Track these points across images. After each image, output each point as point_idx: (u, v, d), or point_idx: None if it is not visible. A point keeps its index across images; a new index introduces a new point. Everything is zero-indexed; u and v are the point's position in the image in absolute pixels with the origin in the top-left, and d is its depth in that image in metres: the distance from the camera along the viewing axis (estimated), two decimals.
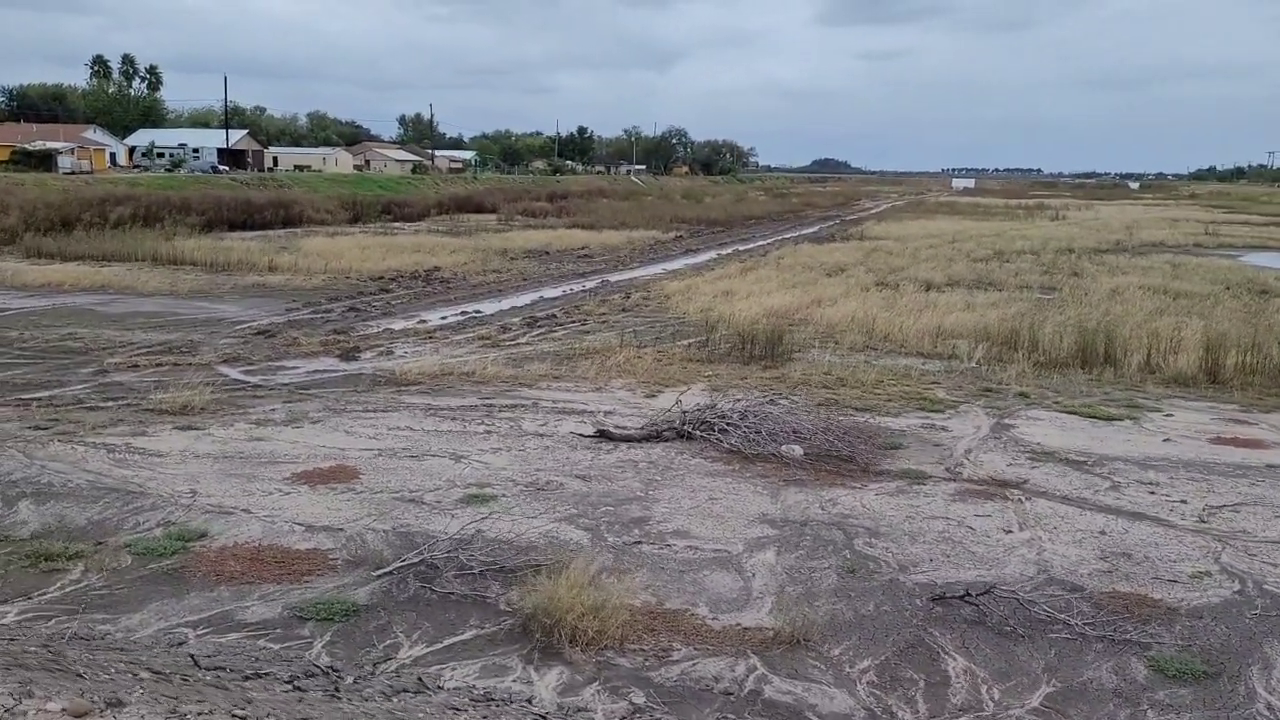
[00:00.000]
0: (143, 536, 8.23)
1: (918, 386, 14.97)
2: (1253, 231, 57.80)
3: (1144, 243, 47.86)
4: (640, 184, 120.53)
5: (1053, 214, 74.88)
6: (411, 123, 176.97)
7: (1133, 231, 54.95)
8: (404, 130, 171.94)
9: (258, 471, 10.19)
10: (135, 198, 42.62)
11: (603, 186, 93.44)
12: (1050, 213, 76.96)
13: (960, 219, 65.82)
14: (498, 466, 10.46)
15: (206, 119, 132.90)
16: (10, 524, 8.48)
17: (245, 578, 7.37)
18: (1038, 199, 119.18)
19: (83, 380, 14.55)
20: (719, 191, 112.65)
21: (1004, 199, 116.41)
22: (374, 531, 8.45)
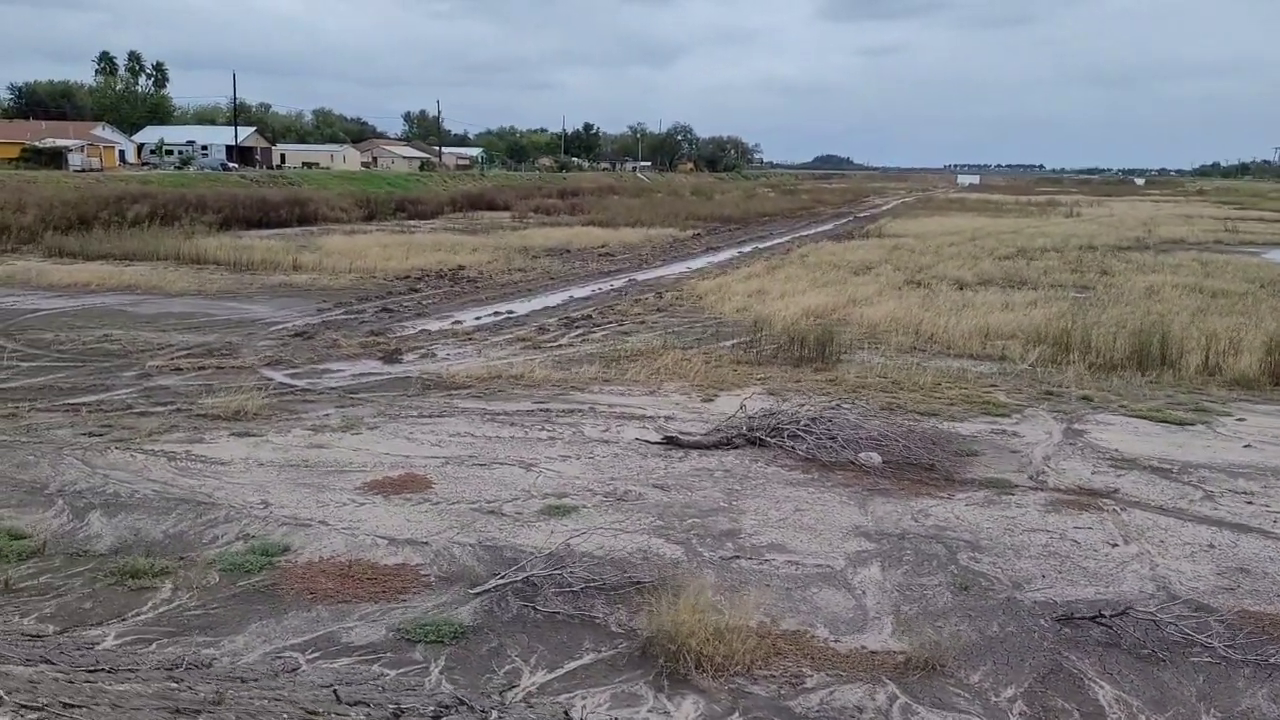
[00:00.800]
0: (225, 551, 7.96)
1: (976, 389, 14.68)
2: (1270, 229, 57.40)
3: (1164, 240, 47.53)
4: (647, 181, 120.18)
5: (1067, 211, 74.53)
6: (416, 119, 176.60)
7: (1151, 228, 54.59)
8: (409, 127, 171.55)
9: (327, 481, 9.92)
10: (151, 196, 42.34)
11: (612, 184, 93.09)
12: (1064, 209, 76.60)
13: (975, 216, 65.46)
14: (570, 475, 10.18)
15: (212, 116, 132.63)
16: (85, 538, 8.21)
17: (340, 596, 7.10)
18: (1047, 195, 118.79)
19: (127, 384, 14.28)
20: (727, 188, 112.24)
21: (1012, 195, 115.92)
22: (460, 545, 8.18)
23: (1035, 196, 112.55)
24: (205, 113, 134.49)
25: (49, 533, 8.29)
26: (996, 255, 37.05)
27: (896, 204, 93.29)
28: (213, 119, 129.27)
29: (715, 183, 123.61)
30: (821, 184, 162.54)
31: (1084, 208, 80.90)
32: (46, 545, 7.88)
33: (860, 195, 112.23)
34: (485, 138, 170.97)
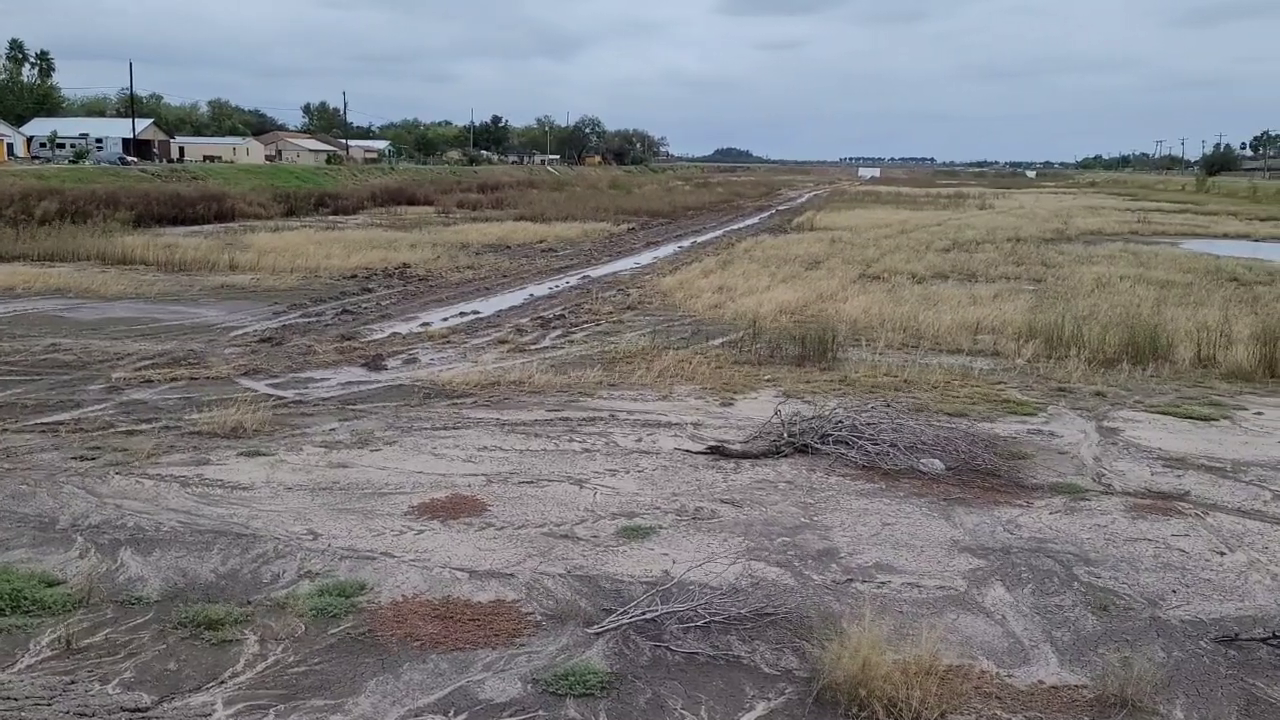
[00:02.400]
0: (294, 592, 7.17)
1: (986, 388, 14.47)
2: (1174, 220, 59.22)
3: (1083, 231, 48.67)
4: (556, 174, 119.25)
5: (979, 203, 76.06)
6: (317, 112, 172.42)
7: (1066, 220, 55.88)
8: (309, 119, 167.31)
9: (369, 505, 9.14)
10: (59, 192, 40.08)
11: (530, 178, 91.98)
12: (975, 202, 78.18)
13: (893, 209, 66.27)
14: (629, 492, 9.58)
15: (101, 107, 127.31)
16: (127, 581, 7.32)
17: (449, 642, 6.40)
18: (949, 187, 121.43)
19: (98, 399, 13.16)
20: (642, 182, 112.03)
21: (916, 188, 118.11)
22: (550, 577, 7.52)
23: (940, 189, 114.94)
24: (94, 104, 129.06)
25: (82, 577, 7.38)
26: (934, 248, 37.37)
27: (809, 197, 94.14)
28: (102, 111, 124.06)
29: (628, 176, 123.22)
30: (730, 177, 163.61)
31: (992, 200, 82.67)
32: (91, 593, 6.98)
33: (772, 188, 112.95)
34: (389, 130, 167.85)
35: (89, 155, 76.30)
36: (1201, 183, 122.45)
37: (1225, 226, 54.14)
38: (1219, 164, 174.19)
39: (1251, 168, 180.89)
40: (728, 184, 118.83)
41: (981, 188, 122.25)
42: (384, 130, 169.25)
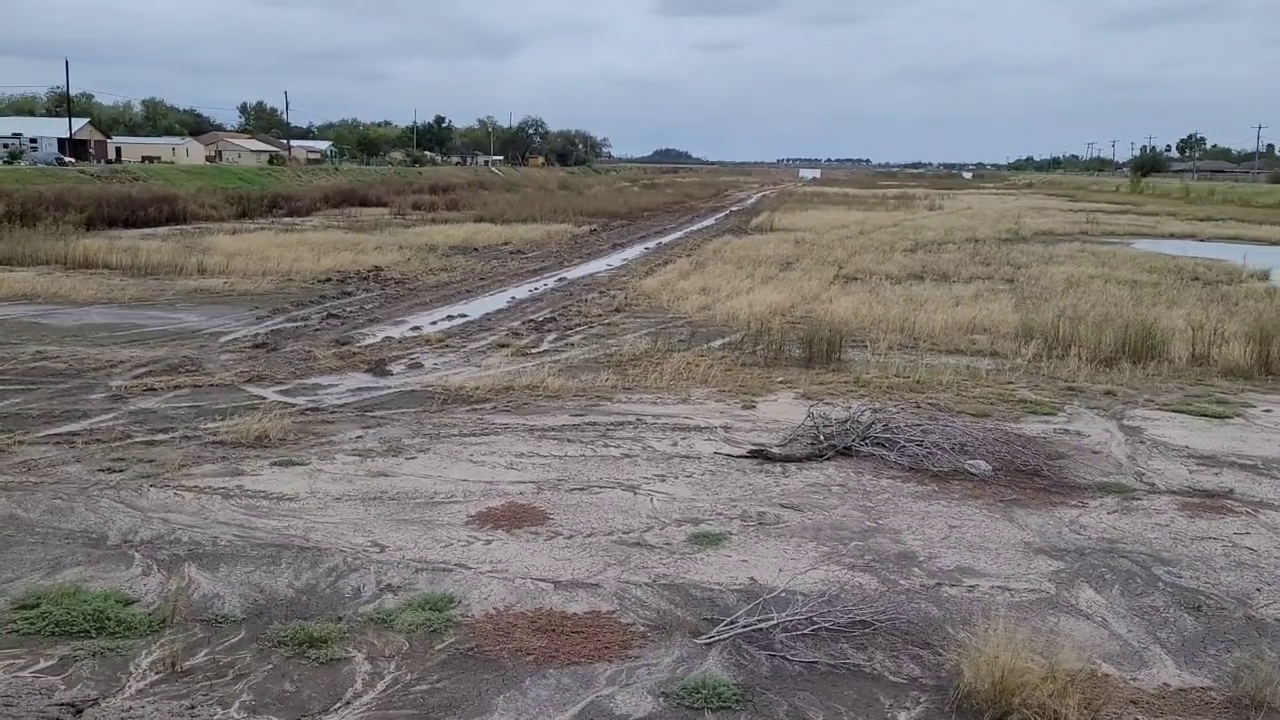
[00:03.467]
0: (382, 607, 6.96)
1: (997, 388, 14.60)
2: (1116, 220, 60.37)
3: (1036, 232, 49.40)
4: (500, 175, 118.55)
5: (928, 204, 77.00)
6: (254, 111, 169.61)
7: (1017, 221, 56.75)
8: (247, 119, 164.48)
9: (425, 515, 8.93)
10: (8, 194, 38.86)
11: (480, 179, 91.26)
12: (925, 203, 79.17)
13: (846, 210, 66.78)
14: (685, 497, 9.48)
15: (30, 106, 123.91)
16: (204, 598, 7.05)
17: (562, 655, 6.25)
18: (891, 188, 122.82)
19: (104, 409, 12.72)
20: (590, 183, 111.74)
21: (859, 189, 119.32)
22: (637, 586, 7.40)
23: (884, 190, 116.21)
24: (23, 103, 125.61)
25: (154, 594, 7.10)
26: (898, 249, 37.70)
27: (758, 198, 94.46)
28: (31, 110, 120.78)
29: (576, 177, 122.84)
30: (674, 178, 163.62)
31: (939, 201, 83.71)
32: (174, 612, 6.70)
33: (719, 190, 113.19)
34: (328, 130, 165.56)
35: (23, 156, 74.13)
36: (1135, 184, 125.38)
37: (1169, 227, 55.35)
38: (1149, 166, 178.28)
39: (1180, 169, 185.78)
40: (675, 185, 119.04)
41: (923, 189, 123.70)
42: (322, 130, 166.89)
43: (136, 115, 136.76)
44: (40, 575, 7.41)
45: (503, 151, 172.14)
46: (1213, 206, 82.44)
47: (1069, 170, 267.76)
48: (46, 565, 7.62)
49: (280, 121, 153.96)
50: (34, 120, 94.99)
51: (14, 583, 7.27)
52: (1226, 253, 40.18)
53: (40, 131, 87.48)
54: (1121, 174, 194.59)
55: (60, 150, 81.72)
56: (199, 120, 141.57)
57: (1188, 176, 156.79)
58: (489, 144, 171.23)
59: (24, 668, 5.92)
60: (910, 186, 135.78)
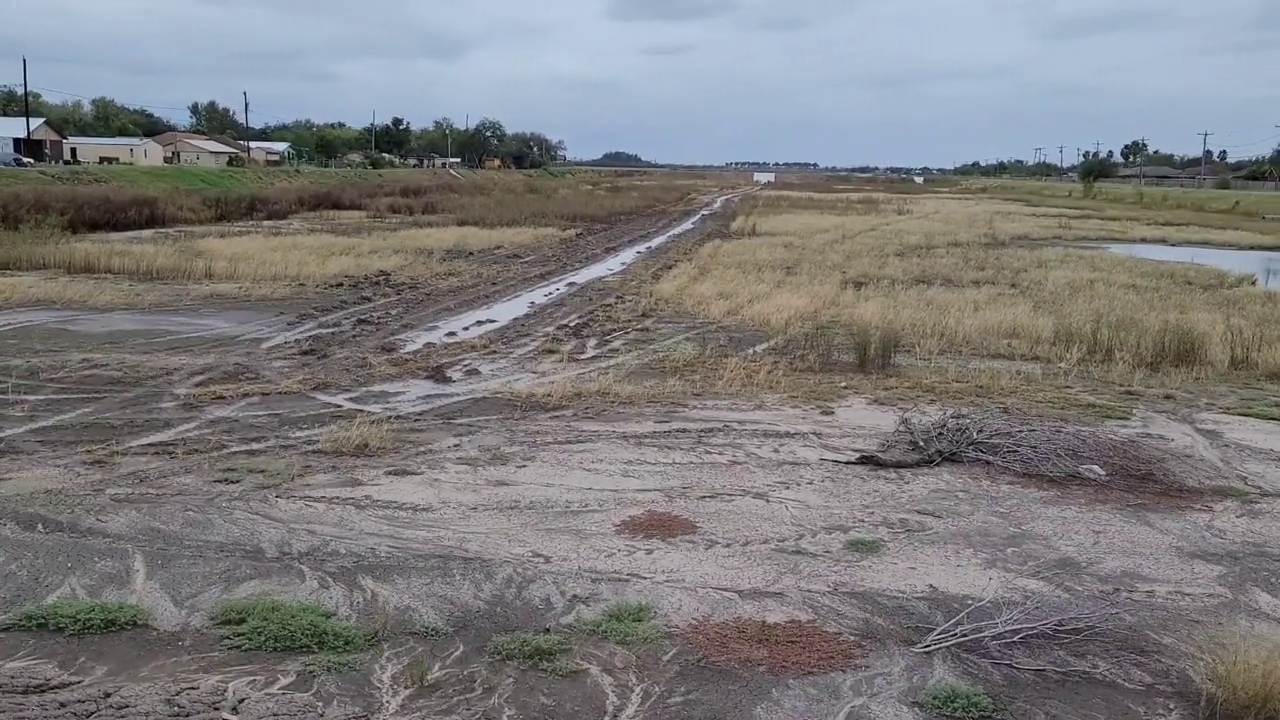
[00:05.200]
0: (580, 617, 6.97)
1: (1056, 392, 14.86)
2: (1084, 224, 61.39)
3: (1013, 236, 50.12)
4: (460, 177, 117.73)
5: (896, 209, 77.85)
6: (206, 111, 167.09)
7: (990, 225, 57.54)
8: (198, 119, 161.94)
9: (570, 524, 8.92)
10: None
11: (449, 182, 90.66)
12: (893, 207, 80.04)
13: (819, 214, 67.25)
14: (817, 505, 9.56)
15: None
16: (399, 611, 6.99)
17: (793, 665, 6.30)
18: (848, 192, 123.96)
19: (183, 418, 12.51)
20: (554, 186, 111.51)
21: (816, 193, 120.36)
22: (821, 594, 7.46)
23: (843, 194, 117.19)
24: None
25: (347, 607, 7.02)
26: (887, 253, 38.07)
27: (722, 201, 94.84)
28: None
29: (536, 180, 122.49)
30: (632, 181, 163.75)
31: (907, 206, 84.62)
32: (386, 625, 6.64)
33: (682, 193, 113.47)
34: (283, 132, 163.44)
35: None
36: (1089, 189, 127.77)
37: (1137, 231, 56.52)
38: (1096, 171, 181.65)
39: (1127, 175, 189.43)
40: (638, 188, 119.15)
41: (882, 193, 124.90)
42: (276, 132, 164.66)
43: (86, 115, 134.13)
44: (220, 590, 7.30)
45: (460, 154, 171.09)
46: (1169, 211, 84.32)
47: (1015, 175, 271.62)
48: (219, 579, 7.50)
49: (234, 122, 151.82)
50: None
51: (198, 597, 7.16)
52: (1203, 257, 41.20)
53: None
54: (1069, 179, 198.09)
55: (15, 150, 79.79)
56: (151, 121, 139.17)
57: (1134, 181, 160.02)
58: (446, 146, 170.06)
59: (266, 684, 5.84)
60: (866, 190, 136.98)
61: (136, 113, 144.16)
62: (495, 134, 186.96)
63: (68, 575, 7.49)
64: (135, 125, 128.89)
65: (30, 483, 9.74)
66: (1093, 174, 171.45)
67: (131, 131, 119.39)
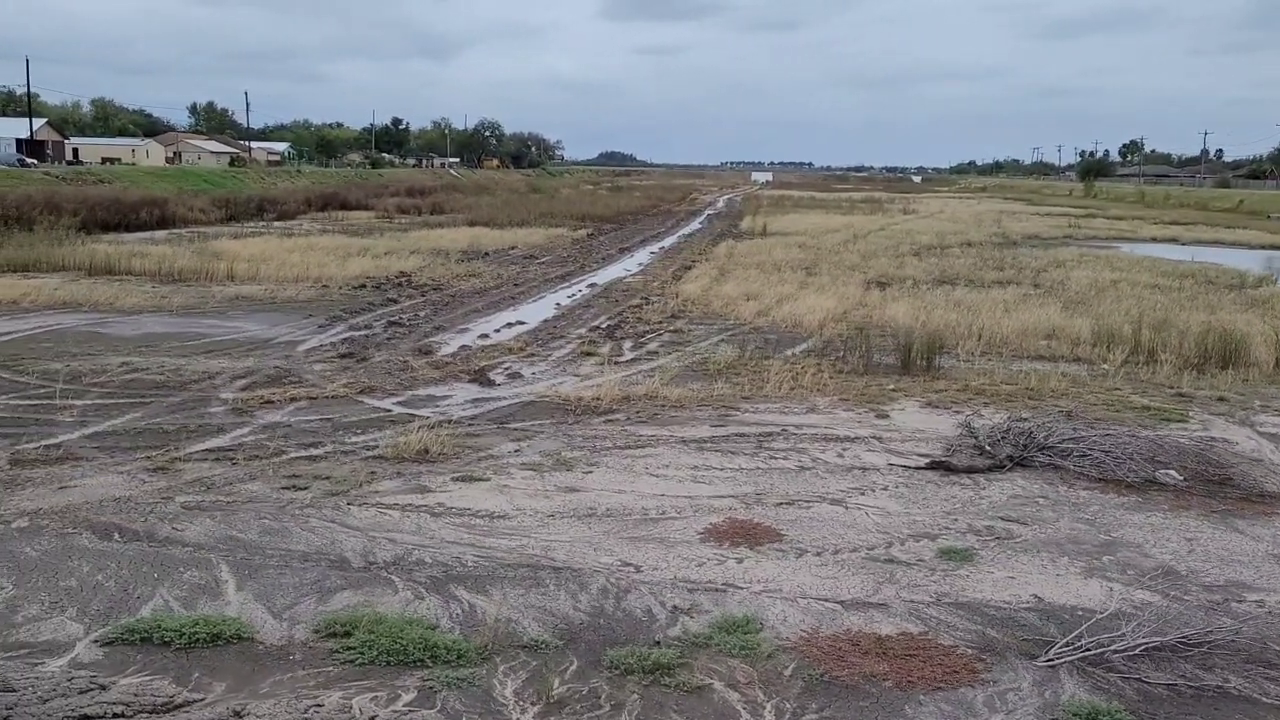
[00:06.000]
0: (688, 629, 6.84)
1: (1106, 394, 14.75)
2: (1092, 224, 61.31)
3: (1024, 236, 50.02)
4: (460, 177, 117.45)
5: (901, 208, 77.76)
6: (205, 111, 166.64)
7: (999, 225, 57.45)
8: (196, 120, 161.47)
9: (652, 532, 8.79)
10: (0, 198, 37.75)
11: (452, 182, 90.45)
12: (898, 207, 79.95)
13: (825, 214, 67.12)
14: (898, 511, 9.43)
15: None
16: (501, 622, 6.83)
17: (919, 681, 6.18)
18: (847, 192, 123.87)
19: (234, 423, 12.36)
20: (556, 186, 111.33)
21: (818, 192, 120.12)
22: (925, 604, 7.33)
23: (844, 194, 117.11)
24: None
25: (447, 618, 6.88)
26: (902, 253, 37.97)
27: (725, 201, 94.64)
28: None
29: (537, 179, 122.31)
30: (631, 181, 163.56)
31: (912, 205, 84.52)
32: (496, 639, 6.50)
33: (684, 193, 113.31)
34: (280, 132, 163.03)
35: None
36: (1089, 188, 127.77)
37: (1147, 231, 56.45)
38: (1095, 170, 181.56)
39: (1125, 174, 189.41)
40: (639, 188, 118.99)
41: (881, 192, 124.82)
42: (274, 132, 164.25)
43: (86, 115, 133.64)
44: (314, 601, 7.16)
45: (459, 154, 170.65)
46: (1174, 211, 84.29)
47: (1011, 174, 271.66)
48: (312, 590, 7.36)
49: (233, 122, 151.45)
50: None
51: (294, 609, 7.02)
52: (1217, 257, 41.15)
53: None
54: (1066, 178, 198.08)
55: (18, 150, 79.47)
56: (151, 121, 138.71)
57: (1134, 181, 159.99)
58: (445, 146, 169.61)
59: (389, 700, 5.70)
60: (866, 190, 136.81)
61: (136, 113, 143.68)
62: (494, 134, 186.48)
63: (157, 586, 7.34)
64: (135, 125, 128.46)
65: (96, 490, 9.59)
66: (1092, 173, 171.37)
67: (132, 132, 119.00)
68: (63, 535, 8.35)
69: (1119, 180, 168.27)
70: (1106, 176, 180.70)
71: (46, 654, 6.20)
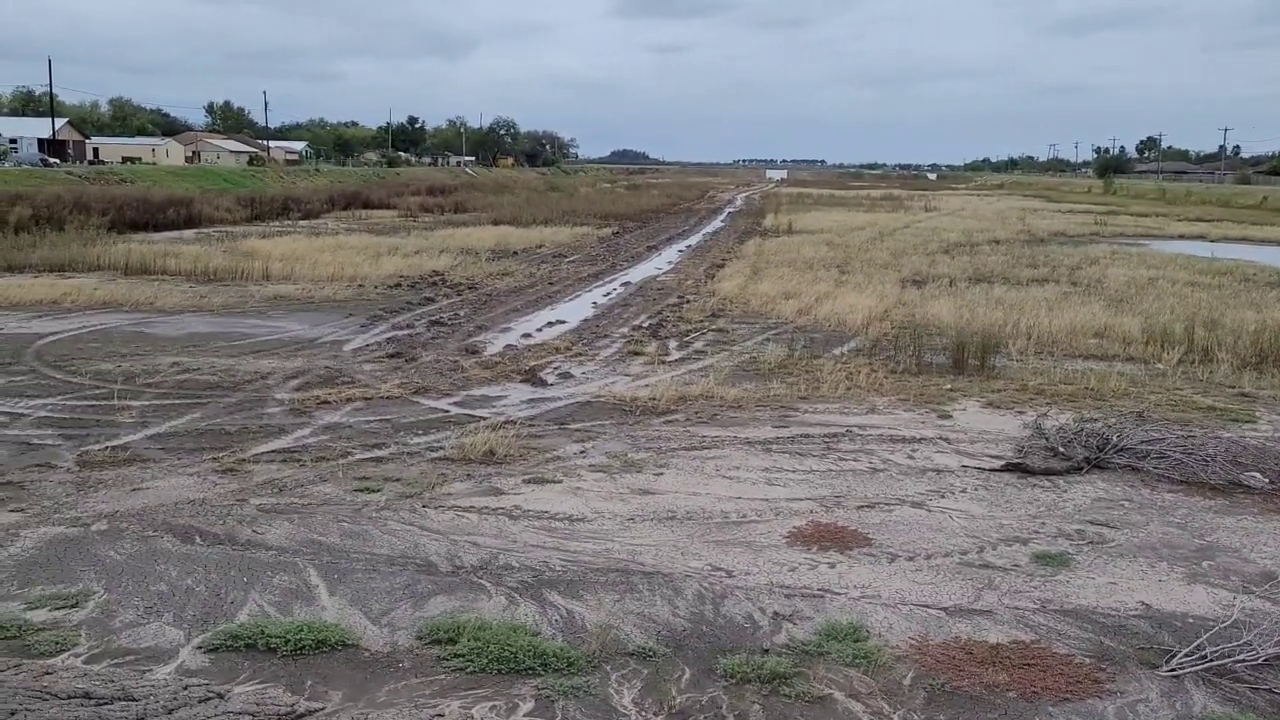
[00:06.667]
0: (795, 637, 6.71)
1: (1167, 394, 14.53)
2: (1119, 221, 60.88)
3: (1051, 234, 49.61)
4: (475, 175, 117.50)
5: (924, 205, 77.41)
6: (221, 111, 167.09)
7: (1024, 222, 57.06)
8: (213, 119, 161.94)
9: (735, 536, 8.66)
10: (27, 197, 37.82)
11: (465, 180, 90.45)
12: (920, 204, 79.59)
13: (846, 211, 66.83)
14: (981, 515, 9.27)
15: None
16: (604, 628, 6.71)
17: (1045, 691, 6.03)
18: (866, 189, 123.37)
19: (294, 424, 12.28)
20: (573, 184, 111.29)
21: (835, 190, 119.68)
22: (1032, 612, 7.18)
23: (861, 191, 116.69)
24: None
25: (546, 624, 6.76)
26: (930, 251, 37.69)
27: (744, 198, 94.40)
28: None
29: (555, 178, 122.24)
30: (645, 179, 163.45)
31: (934, 203, 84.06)
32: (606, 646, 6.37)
33: (702, 191, 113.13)
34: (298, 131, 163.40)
35: (7, 157, 72.29)
36: (1109, 185, 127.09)
37: (1174, 228, 55.96)
38: (1113, 167, 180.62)
39: (1143, 170, 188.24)
40: (657, 186, 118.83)
41: (900, 190, 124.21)
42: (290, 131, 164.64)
43: (104, 115, 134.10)
44: (410, 607, 7.05)
45: (473, 152, 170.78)
46: (1197, 207, 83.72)
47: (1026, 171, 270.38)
48: (404, 595, 7.25)
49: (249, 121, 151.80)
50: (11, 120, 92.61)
51: (391, 614, 6.91)
52: (1249, 254, 40.74)
53: (18, 131, 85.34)
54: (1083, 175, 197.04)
55: (40, 150, 79.78)
56: (168, 121, 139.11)
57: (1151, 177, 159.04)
58: (460, 145, 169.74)
59: (508, 710, 5.59)
60: (881, 187, 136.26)
61: (153, 112, 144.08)
62: (509, 132, 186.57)
63: (248, 590, 7.24)
64: (153, 125, 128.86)
65: (169, 492, 9.51)
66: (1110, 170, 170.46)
67: (150, 131, 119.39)
68: (144, 538, 8.26)
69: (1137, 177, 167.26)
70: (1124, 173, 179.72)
71: (152, 660, 6.10)
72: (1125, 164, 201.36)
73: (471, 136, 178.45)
